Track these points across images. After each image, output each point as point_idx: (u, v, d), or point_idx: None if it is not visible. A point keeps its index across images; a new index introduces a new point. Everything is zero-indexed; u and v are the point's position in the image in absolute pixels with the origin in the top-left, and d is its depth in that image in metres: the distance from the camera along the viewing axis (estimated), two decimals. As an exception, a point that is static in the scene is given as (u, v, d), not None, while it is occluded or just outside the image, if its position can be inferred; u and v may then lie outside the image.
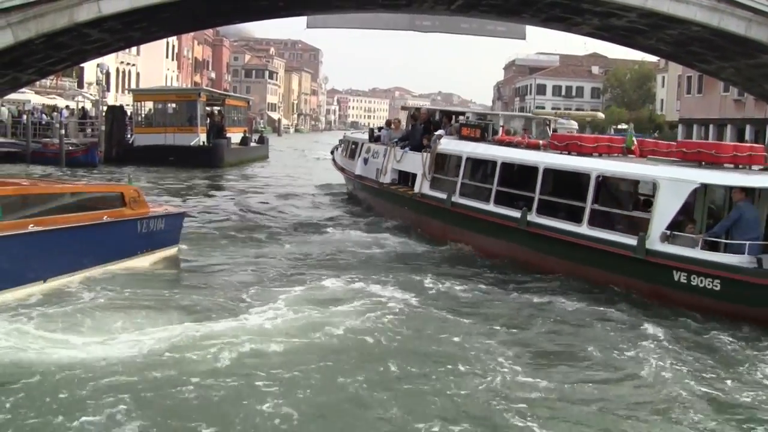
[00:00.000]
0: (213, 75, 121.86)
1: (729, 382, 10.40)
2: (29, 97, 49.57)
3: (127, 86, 75.80)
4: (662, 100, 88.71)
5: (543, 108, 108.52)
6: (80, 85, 65.33)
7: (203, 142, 45.14)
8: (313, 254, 18.38)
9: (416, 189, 21.86)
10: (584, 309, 13.61)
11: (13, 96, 41.76)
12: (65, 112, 50.65)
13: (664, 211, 14.24)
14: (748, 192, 14.17)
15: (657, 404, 9.61)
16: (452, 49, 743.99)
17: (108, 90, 64.38)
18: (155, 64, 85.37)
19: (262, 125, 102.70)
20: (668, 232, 14.06)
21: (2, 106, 45.91)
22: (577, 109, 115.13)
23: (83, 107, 56.81)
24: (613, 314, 13.29)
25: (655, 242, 14.10)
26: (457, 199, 19.73)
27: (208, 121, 47.32)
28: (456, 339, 11.74)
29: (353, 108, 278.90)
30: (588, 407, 9.45)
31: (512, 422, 8.95)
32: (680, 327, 12.72)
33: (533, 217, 16.83)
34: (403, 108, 37.01)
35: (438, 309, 13.33)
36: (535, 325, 12.71)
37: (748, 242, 13.34)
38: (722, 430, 9.02)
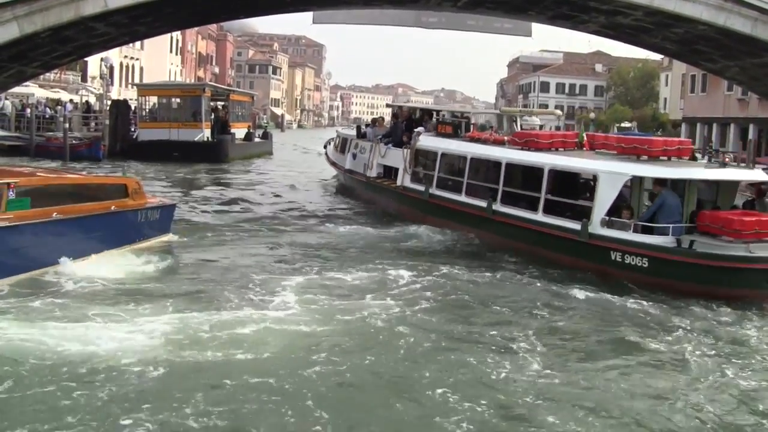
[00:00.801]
0: (216, 70, 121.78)
1: (648, 340, 12.35)
2: (33, 90, 49.58)
3: (130, 81, 75.75)
4: (666, 99, 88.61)
5: (547, 106, 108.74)
6: (84, 79, 65.26)
7: (208, 138, 45.12)
8: (297, 243, 19.62)
9: (398, 182, 24.31)
10: (537, 284, 15.64)
11: (16, 89, 41.74)
12: (69, 106, 50.65)
13: (603, 199, 16.41)
14: (671, 182, 16.38)
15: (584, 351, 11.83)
16: (456, 45, 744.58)
17: (111, 84, 64.33)
18: (159, 59, 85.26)
19: (265, 121, 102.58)
20: (607, 218, 16.30)
21: (7, 99, 45.94)
22: (581, 107, 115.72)
23: (87, 101, 56.84)
24: (561, 289, 15.20)
25: (596, 227, 16.31)
26: (434, 191, 22.19)
27: (213, 116, 47.27)
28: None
29: (356, 104, 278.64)
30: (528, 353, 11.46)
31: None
32: (615, 297, 14.70)
33: (498, 206, 19.24)
34: (388, 105, 39.67)
35: (414, 289, 14.89)
36: (497, 298, 14.53)
37: (671, 225, 15.54)
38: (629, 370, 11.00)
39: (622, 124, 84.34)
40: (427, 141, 23.86)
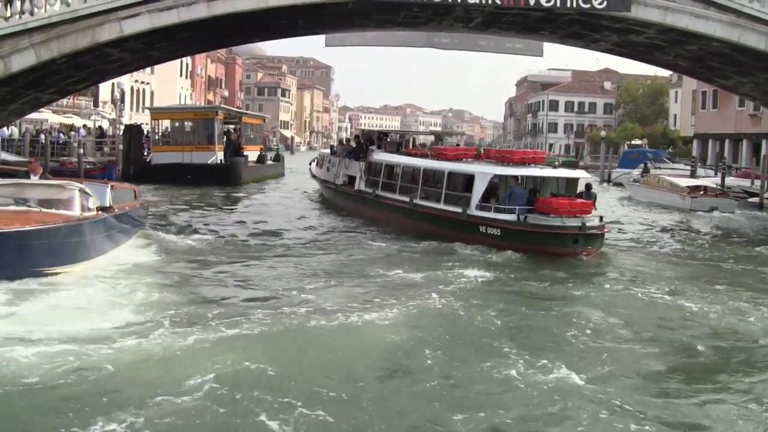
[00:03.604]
0: (226, 93, 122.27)
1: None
2: (46, 116, 49.79)
3: (141, 105, 76.11)
4: (675, 116, 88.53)
5: (556, 125, 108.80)
6: (96, 104, 65.56)
7: (221, 160, 45.21)
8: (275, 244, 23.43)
9: (355, 187, 31.14)
10: (434, 251, 21.87)
11: (31, 116, 41.92)
12: (82, 131, 50.80)
13: (477, 191, 23.14)
14: (522, 178, 23.51)
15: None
16: (465, 65, 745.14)
17: (123, 109, 64.63)
18: (169, 83, 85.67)
19: (274, 143, 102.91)
20: (479, 203, 23.03)
21: (14, 126, 46.08)
22: (590, 125, 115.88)
23: (100, 126, 57.01)
24: (454, 250, 21.70)
25: (473, 210, 23.05)
26: (378, 192, 28.60)
27: (225, 139, 47.39)
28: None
29: (365, 125, 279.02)
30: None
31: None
32: (481, 256, 21.02)
33: (417, 201, 25.77)
34: (355, 129, 47.94)
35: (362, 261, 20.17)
36: (410, 260, 20.43)
37: (517, 207, 22.21)
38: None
39: (633, 142, 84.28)
40: (376, 155, 30.64)
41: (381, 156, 30.37)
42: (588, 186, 24.44)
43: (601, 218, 22.68)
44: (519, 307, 15.41)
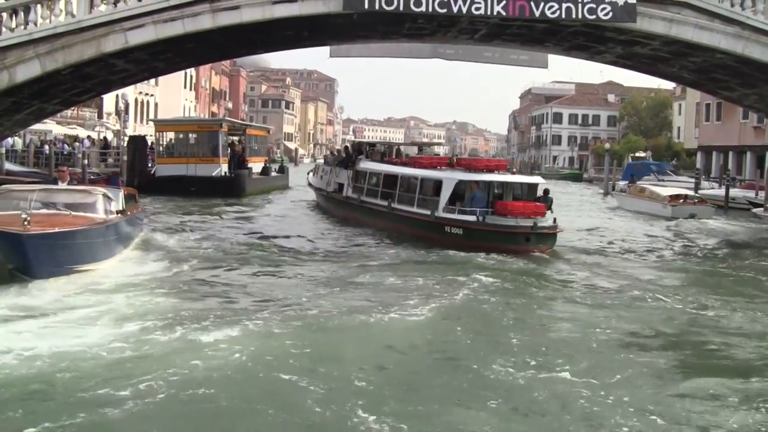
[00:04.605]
0: (230, 105, 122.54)
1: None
2: (51, 127, 49.86)
3: (146, 116, 76.24)
4: (679, 128, 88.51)
5: (560, 137, 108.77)
6: (100, 115, 65.72)
7: (225, 173, 45.20)
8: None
9: (344, 193, 33.73)
10: (409, 251, 23.72)
11: (35, 126, 41.96)
12: (87, 142, 50.87)
13: (445, 195, 25.24)
14: (483, 184, 25.30)
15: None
16: (469, 77, 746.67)
17: (127, 120, 64.74)
18: (173, 95, 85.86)
19: (278, 155, 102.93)
20: (446, 206, 25.03)
21: (17, 136, 46.11)
22: (594, 138, 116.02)
23: (104, 137, 57.07)
24: (423, 252, 23.26)
25: (440, 212, 25.14)
26: (363, 198, 30.98)
27: (229, 151, 47.38)
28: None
29: (369, 137, 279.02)
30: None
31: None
32: (446, 255, 22.53)
33: (395, 205, 28.09)
34: (346, 142, 48.38)
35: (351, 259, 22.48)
36: (390, 258, 22.59)
37: (478, 209, 24.19)
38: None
39: (637, 154, 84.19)
40: (362, 164, 33.06)
41: (366, 165, 32.81)
42: (546, 191, 26.34)
43: (554, 220, 24.83)
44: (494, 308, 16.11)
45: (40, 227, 15.08)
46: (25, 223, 14.61)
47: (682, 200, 40.92)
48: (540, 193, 25.97)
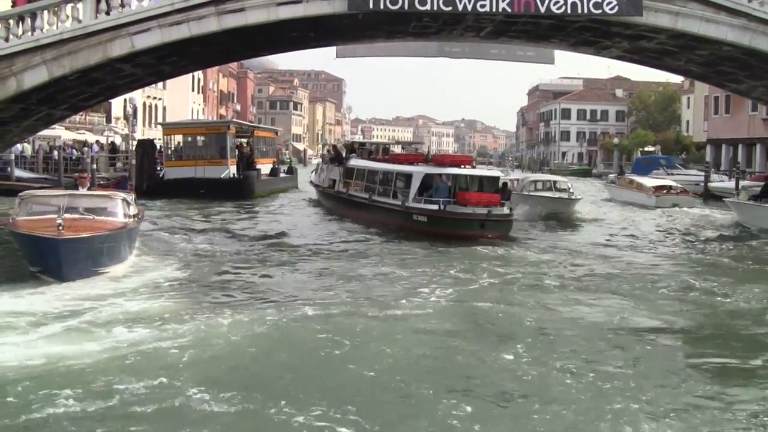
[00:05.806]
0: (238, 107, 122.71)
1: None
2: (59, 132, 49.96)
3: (154, 120, 76.37)
4: (688, 122, 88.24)
5: (569, 133, 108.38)
6: (108, 120, 65.88)
7: (234, 174, 45.24)
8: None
9: (335, 189, 36.90)
10: (384, 237, 26.54)
11: (44, 132, 42.08)
12: (95, 147, 50.99)
13: (414, 186, 28.13)
14: (447, 176, 27.93)
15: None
16: (476, 75, 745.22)
17: (136, 124, 64.87)
18: (181, 98, 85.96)
19: (287, 156, 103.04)
20: (415, 196, 27.87)
21: (26, 142, 46.27)
22: (603, 133, 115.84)
23: (113, 142, 57.19)
24: (395, 239, 26.03)
25: (410, 202, 28.01)
26: (351, 192, 33.97)
27: (237, 152, 47.42)
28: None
29: (377, 137, 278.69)
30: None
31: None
32: (412, 241, 25.09)
33: (375, 197, 31.03)
34: (336, 142, 54.72)
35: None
36: (371, 245, 25.33)
37: (441, 199, 26.66)
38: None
39: (646, 148, 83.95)
40: (351, 162, 36.63)
41: (354, 162, 36.39)
42: (504, 184, 29.75)
43: (510, 209, 27.52)
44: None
45: (72, 232, 15.84)
46: (60, 228, 15.45)
47: (665, 191, 44.03)
48: (500, 185, 28.67)
